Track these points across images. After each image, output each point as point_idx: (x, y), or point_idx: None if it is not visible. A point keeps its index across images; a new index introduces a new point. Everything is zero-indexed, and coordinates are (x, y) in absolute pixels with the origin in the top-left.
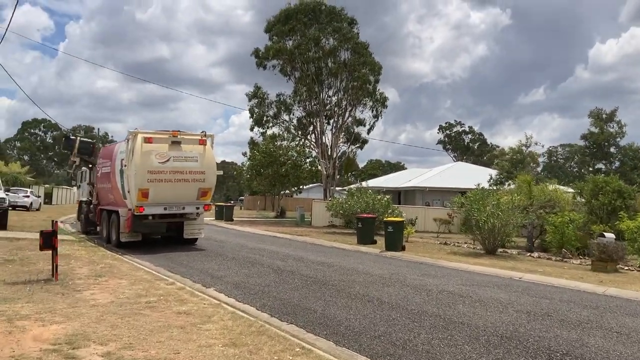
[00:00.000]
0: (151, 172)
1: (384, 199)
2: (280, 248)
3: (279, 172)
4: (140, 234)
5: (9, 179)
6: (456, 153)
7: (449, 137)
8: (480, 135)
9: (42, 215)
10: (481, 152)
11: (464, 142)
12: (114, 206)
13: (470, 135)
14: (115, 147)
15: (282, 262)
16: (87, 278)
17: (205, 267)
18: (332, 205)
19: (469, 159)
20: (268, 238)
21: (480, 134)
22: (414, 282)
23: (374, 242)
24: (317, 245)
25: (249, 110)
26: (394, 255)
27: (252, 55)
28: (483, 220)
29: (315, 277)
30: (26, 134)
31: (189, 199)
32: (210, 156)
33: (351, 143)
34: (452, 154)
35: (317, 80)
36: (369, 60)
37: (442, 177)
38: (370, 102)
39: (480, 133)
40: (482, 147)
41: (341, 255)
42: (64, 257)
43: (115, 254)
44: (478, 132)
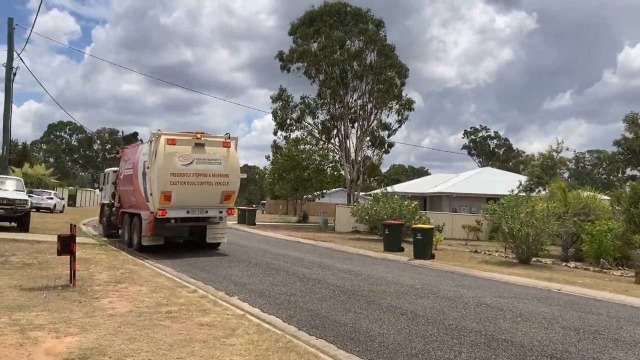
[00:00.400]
0: (174, 175)
1: (411, 204)
2: (304, 254)
3: (302, 176)
4: (162, 238)
5: (34, 180)
6: (481, 158)
7: (474, 142)
8: (506, 141)
9: (65, 218)
10: (507, 157)
11: (489, 148)
12: (136, 209)
13: (496, 141)
14: (138, 148)
15: (307, 269)
16: (106, 284)
17: (228, 273)
18: (357, 211)
19: (494, 164)
20: (291, 244)
21: (505, 139)
22: (448, 294)
23: (401, 250)
24: (342, 252)
25: (272, 113)
26: (423, 263)
27: (276, 58)
28: (517, 228)
29: (343, 286)
30: (52, 136)
31: (212, 202)
32: (234, 159)
33: (376, 147)
34: (477, 160)
35: (342, 83)
36: (396, 62)
37: (469, 183)
38: (396, 105)
39: (505, 138)
40: (508, 152)
41: (368, 263)
42: (84, 261)
43: (136, 259)
44: (504, 138)
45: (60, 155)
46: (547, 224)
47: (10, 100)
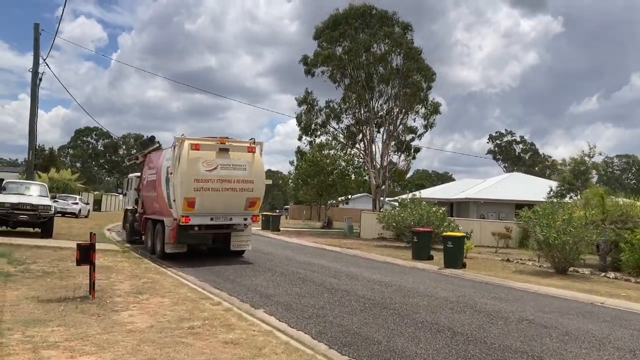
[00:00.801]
0: (198, 181)
1: (439, 211)
2: (330, 262)
3: (326, 182)
4: (185, 246)
5: (60, 185)
6: (507, 163)
7: (499, 147)
8: (532, 145)
9: (90, 223)
10: (533, 162)
11: (515, 152)
12: (159, 215)
13: (522, 145)
14: (161, 154)
15: (334, 279)
16: (127, 295)
17: (253, 283)
18: (384, 217)
19: (519, 169)
20: (316, 251)
21: (531, 144)
22: (485, 308)
23: (430, 258)
24: (369, 260)
25: (296, 118)
26: (455, 273)
27: (300, 62)
28: (554, 236)
29: (373, 298)
30: (79, 141)
31: (237, 209)
32: (259, 164)
33: (402, 152)
34: (503, 165)
35: (368, 86)
36: (423, 65)
37: (497, 189)
38: (422, 109)
39: (531, 143)
40: (534, 157)
41: (397, 273)
42: (105, 269)
43: (159, 267)
44: (529, 142)
45: (86, 160)
46: (586, 232)
47: (36, 105)
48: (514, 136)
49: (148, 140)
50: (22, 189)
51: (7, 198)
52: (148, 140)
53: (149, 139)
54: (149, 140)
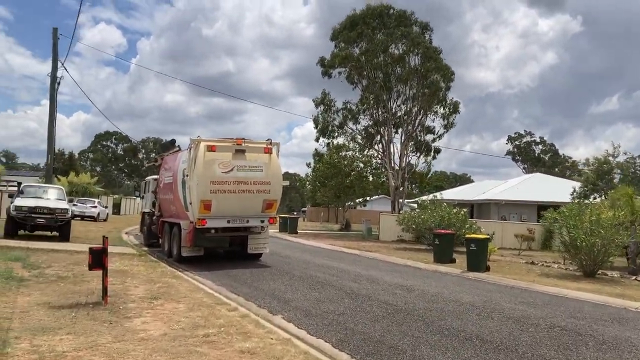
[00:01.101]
0: (214, 183)
1: (460, 212)
2: (349, 266)
3: (344, 183)
4: (202, 249)
5: (79, 189)
6: (526, 164)
7: (518, 148)
8: (552, 146)
9: (108, 226)
10: (553, 163)
11: (535, 153)
12: (176, 218)
13: (541, 146)
14: (177, 156)
15: (354, 283)
16: (141, 301)
17: (270, 287)
18: (404, 219)
19: (539, 170)
20: (335, 254)
21: (551, 145)
22: (514, 313)
23: (452, 261)
24: (390, 264)
25: (314, 120)
26: (478, 276)
27: (318, 64)
28: (582, 238)
29: (396, 304)
30: (99, 145)
31: (254, 211)
32: (276, 166)
33: (421, 153)
34: (522, 166)
35: (386, 87)
36: (441, 65)
37: (518, 190)
38: (441, 109)
39: (551, 144)
40: (554, 158)
41: (419, 277)
42: (121, 274)
43: (175, 271)
44: (549, 143)
45: (106, 164)
46: (616, 234)
47: (55, 109)
48: (533, 137)
49: (169, 143)
50: (40, 192)
51: (24, 202)
52: (169, 142)
53: (169, 141)
54: (169, 143)
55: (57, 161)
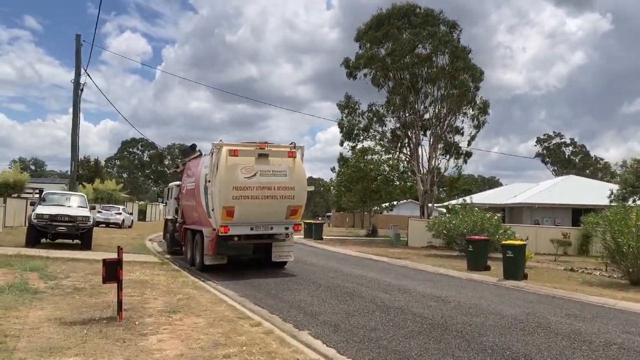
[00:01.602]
0: (236, 188)
1: (494, 217)
2: (379, 275)
3: (370, 188)
4: (225, 257)
5: (104, 196)
6: (556, 166)
7: (547, 150)
8: (583, 148)
9: (132, 233)
10: (584, 165)
11: (565, 155)
12: (199, 225)
13: (572, 148)
14: (200, 161)
15: (386, 294)
16: (159, 315)
17: (296, 298)
18: (434, 225)
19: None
20: (363, 261)
21: (582, 146)
22: (561, 328)
23: (487, 269)
24: (421, 272)
25: (338, 124)
26: (516, 285)
27: (342, 65)
28: (630, 244)
29: (432, 318)
30: (125, 152)
31: (278, 217)
32: (301, 170)
33: (451, 156)
34: (552, 168)
35: (413, 88)
36: (470, 65)
37: (551, 193)
38: (470, 110)
39: (582, 145)
40: (585, 160)
41: (454, 286)
42: (140, 284)
43: (197, 280)
44: (580, 144)
45: (132, 170)
46: None
47: (78, 116)
48: (563, 138)
49: (189, 148)
50: (62, 200)
51: (46, 209)
52: (189, 148)
53: (190, 147)
54: (190, 148)
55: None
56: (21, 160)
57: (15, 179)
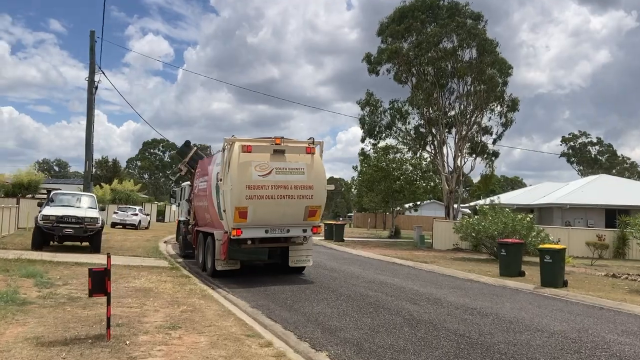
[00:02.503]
0: (250, 188)
1: (526, 218)
2: (405, 281)
3: (392, 188)
4: (238, 262)
5: (122, 196)
6: (581, 166)
7: (573, 149)
8: (610, 147)
9: (147, 235)
10: (610, 164)
11: (591, 154)
12: (210, 228)
13: (598, 147)
14: (212, 159)
15: (413, 305)
16: (156, 332)
17: (314, 311)
18: (462, 227)
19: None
20: (387, 266)
21: (609, 145)
22: (624, 350)
23: (521, 274)
24: (450, 278)
25: (360, 120)
26: (557, 294)
27: (363, 60)
28: None
29: (469, 335)
30: (146, 153)
31: (295, 219)
32: (320, 168)
33: (478, 155)
34: (577, 167)
35: (438, 84)
36: (498, 59)
37: (583, 192)
38: (498, 107)
39: (609, 144)
40: (612, 159)
41: (488, 295)
42: (143, 293)
43: (206, 288)
44: (607, 143)
45: (153, 171)
46: None
47: (92, 114)
48: (589, 137)
49: (184, 147)
50: (70, 200)
51: (52, 210)
52: (184, 146)
53: (184, 144)
54: (184, 146)
55: (101, 168)
56: (45, 161)
57: (29, 179)
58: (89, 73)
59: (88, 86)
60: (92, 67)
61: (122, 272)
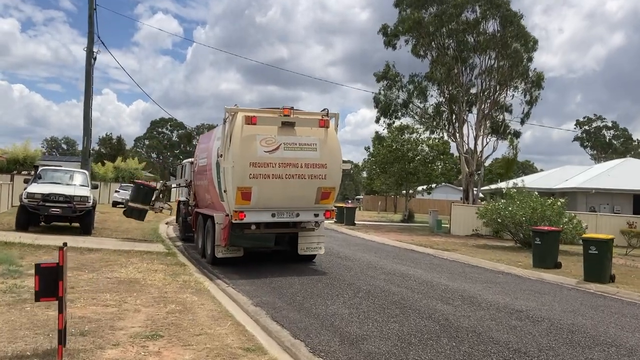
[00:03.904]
0: (254, 165)
1: (557, 203)
2: (429, 273)
3: (407, 169)
4: (241, 249)
5: (126, 174)
6: (594, 151)
7: (587, 133)
8: (625, 131)
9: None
10: (625, 149)
11: (605, 139)
12: (211, 210)
13: (613, 131)
14: (212, 132)
15: (446, 305)
16: (129, 344)
17: (328, 311)
18: (486, 212)
19: (609, 157)
20: (405, 253)
21: (624, 129)
22: None
23: (557, 266)
24: (478, 269)
25: (374, 99)
26: (605, 291)
27: (380, 32)
28: None
29: (525, 351)
30: (154, 132)
31: (305, 202)
32: (334, 144)
33: (501, 135)
34: (590, 152)
35: (460, 58)
36: (523, 31)
37: (610, 177)
38: (522, 84)
39: (624, 128)
40: (627, 144)
41: (528, 292)
42: (126, 286)
43: (202, 280)
44: (622, 127)
45: (162, 150)
46: None
47: (91, 85)
48: (604, 121)
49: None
50: (60, 177)
51: (38, 188)
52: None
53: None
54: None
55: (104, 146)
56: (53, 139)
57: (25, 155)
58: (87, 42)
59: (86, 56)
60: (91, 37)
61: (109, 258)
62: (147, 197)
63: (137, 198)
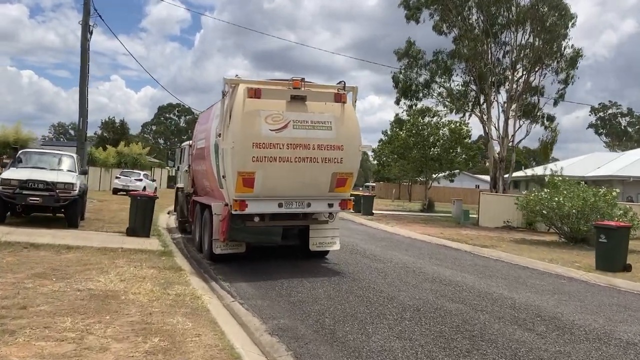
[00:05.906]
0: (258, 146)
1: (610, 193)
2: (481, 280)
3: (428, 155)
4: (243, 244)
5: (129, 160)
6: (608, 139)
7: (602, 120)
8: None
9: None
10: None
11: (620, 126)
12: (209, 198)
13: (628, 118)
14: (211, 109)
15: (528, 332)
16: None
17: (372, 346)
18: (528, 203)
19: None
20: (439, 250)
21: None
22: None
23: (627, 269)
24: (533, 272)
25: (393, 78)
26: None
27: (400, 5)
28: None
29: None
30: (162, 118)
31: (318, 190)
32: (353, 122)
33: (532, 119)
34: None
35: (491, 32)
36: (560, 3)
37: None
38: (555, 63)
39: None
40: None
41: (616, 307)
42: (100, 302)
43: (200, 292)
44: (638, 114)
45: (169, 136)
46: None
47: (87, 62)
48: (619, 108)
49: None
50: (43, 161)
51: (15, 173)
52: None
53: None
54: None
55: (107, 130)
56: (60, 125)
57: (16, 137)
58: (83, 15)
59: (82, 30)
60: (87, 8)
61: (89, 259)
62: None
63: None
